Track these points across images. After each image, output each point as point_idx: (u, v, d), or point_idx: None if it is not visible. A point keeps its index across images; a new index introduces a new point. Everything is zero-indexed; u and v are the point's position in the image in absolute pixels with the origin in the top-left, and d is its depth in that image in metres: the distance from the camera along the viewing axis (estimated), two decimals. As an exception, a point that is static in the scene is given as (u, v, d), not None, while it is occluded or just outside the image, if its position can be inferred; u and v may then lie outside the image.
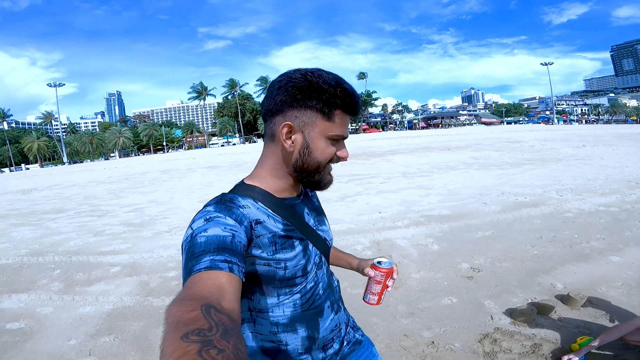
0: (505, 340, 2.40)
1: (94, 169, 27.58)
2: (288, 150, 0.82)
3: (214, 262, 0.62)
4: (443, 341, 2.43)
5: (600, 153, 12.75)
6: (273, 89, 0.81)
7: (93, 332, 2.89)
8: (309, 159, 0.82)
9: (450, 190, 7.57)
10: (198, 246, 0.66)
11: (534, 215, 5.36)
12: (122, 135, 70.47)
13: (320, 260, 0.93)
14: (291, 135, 0.81)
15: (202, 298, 0.54)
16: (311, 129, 0.80)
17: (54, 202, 10.80)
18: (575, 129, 34.33)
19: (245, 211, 0.78)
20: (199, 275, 0.60)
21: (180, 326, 0.46)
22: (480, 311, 2.79)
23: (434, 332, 2.54)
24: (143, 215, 7.50)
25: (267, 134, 0.86)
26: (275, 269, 0.81)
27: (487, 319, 2.66)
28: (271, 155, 0.86)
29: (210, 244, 0.66)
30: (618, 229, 4.50)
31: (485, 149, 16.66)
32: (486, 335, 2.46)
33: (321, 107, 0.79)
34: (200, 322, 0.47)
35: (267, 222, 0.81)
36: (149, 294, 3.56)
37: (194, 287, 0.58)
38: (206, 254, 0.64)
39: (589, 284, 3.10)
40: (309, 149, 0.82)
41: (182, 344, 0.43)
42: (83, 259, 4.78)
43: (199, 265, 0.62)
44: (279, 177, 0.87)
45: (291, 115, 0.80)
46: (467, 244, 4.32)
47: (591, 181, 7.63)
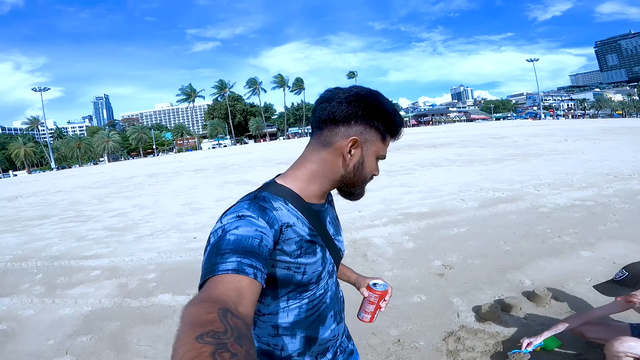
0: (469, 338, 2.43)
1: (81, 175, 27.34)
2: (345, 162, 0.85)
3: (240, 265, 0.63)
4: (409, 339, 2.46)
5: (582, 147, 13.00)
6: (339, 99, 0.83)
7: (71, 333, 2.97)
8: (360, 173, 0.87)
9: (432, 187, 7.69)
10: (226, 243, 0.67)
11: (510, 210, 5.44)
12: (110, 139, 69.69)
13: (332, 269, 0.94)
14: (353, 149, 0.84)
15: (220, 301, 0.54)
16: (369, 147, 0.85)
17: (39, 209, 10.76)
18: (560, 124, 34.90)
19: (277, 214, 0.78)
20: (222, 277, 0.61)
21: (196, 327, 0.47)
22: (447, 309, 2.82)
23: (401, 330, 2.57)
24: (126, 219, 7.53)
25: (320, 141, 0.86)
26: (294, 273, 0.82)
27: (454, 317, 2.69)
28: (317, 161, 0.86)
29: (239, 244, 0.66)
30: (592, 223, 4.53)
31: (470, 145, 16.89)
32: (451, 333, 2.50)
33: (383, 130, 0.85)
34: (216, 324, 0.48)
35: (296, 225, 0.81)
36: (127, 295, 3.63)
37: (215, 289, 0.58)
38: (233, 254, 0.64)
39: (557, 280, 3.11)
40: (363, 165, 0.86)
41: (197, 345, 0.43)
42: (65, 264, 4.83)
43: (225, 264, 0.63)
44: (315, 182, 0.87)
45: (357, 129, 0.83)
46: (442, 241, 4.37)
47: (570, 175, 7.77)
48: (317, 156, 0.86)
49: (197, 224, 6.49)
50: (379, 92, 0.86)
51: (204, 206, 8.20)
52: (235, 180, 12.53)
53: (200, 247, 4.98)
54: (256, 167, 16.56)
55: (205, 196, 9.68)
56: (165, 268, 4.32)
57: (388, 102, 0.86)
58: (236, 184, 11.37)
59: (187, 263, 4.45)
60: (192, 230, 6.07)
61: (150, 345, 2.70)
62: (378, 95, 0.85)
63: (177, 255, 4.79)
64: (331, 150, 0.84)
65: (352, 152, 0.84)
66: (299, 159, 0.90)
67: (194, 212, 7.59)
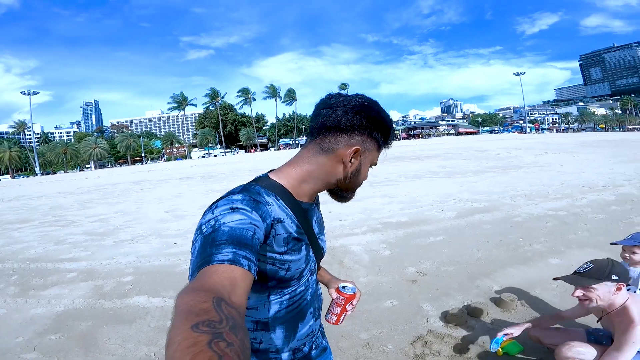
0: (436, 342, 2.48)
1: (64, 180, 26.91)
2: (345, 169, 0.88)
3: (236, 256, 0.63)
4: (378, 343, 2.51)
5: (561, 160, 13.38)
6: (345, 108, 0.85)
7: (41, 331, 2.99)
8: (356, 180, 0.91)
9: (412, 198, 7.84)
10: (220, 234, 0.67)
11: (485, 220, 5.59)
12: (97, 145, 68.80)
13: (314, 267, 0.96)
14: (354, 157, 0.88)
15: (214, 290, 0.54)
16: (367, 156, 0.90)
17: (19, 213, 10.60)
18: (543, 138, 35.74)
19: (270, 208, 0.79)
20: (217, 267, 0.61)
21: (191, 316, 0.47)
22: (417, 314, 2.87)
23: (371, 334, 2.62)
24: (107, 225, 7.50)
25: (321, 145, 0.88)
26: (279, 268, 0.83)
27: (423, 322, 2.75)
28: (315, 164, 0.88)
29: (234, 236, 0.67)
30: (563, 232, 4.66)
31: (454, 158, 17.24)
32: (419, 337, 2.55)
33: (381, 141, 0.90)
34: (211, 314, 0.47)
35: (286, 222, 0.83)
36: (101, 297, 3.65)
37: (209, 279, 0.58)
38: (228, 245, 0.64)
39: (525, 286, 3.19)
40: (359, 172, 0.90)
41: (193, 334, 0.43)
42: (41, 266, 4.81)
43: (220, 255, 0.63)
44: (309, 182, 0.89)
45: (360, 140, 0.87)
46: (418, 249, 4.46)
47: (546, 187, 8.01)
48: (316, 159, 0.88)
49: (179, 230, 6.50)
50: (379, 103, 0.91)
51: (187, 213, 8.20)
52: (221, 188, 12.52)
53: (181, 252, 5.01)
54: (242, 176, 16.56)
55: (190, 203, 9.68)
56: (143, 271, 4.34)
57: (387, 115, 0.91)
58: (221, 193, 11.28)
59: (166, 267, 4.47)
60: (174, 236, 6.09)
61: (119, 344, 2.72)
62: (380, 108, 0.90)
63: (155, 259, 4.81)
64: (332, 157, 0.87)
65: (352, 160, 0.87)
66: (295, 158, 0.92)
67: (177, 219, 7.59)
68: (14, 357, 2.64)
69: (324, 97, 0.91)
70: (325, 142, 0.87)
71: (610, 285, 1.69)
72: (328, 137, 0.86)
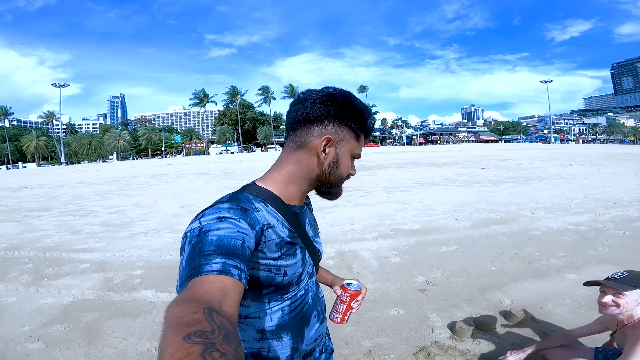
0: (439, 354, 2.41)
1: (87, 170, 27.74)
2: (320, 161, 0.86)
3: (226, 266, 0.62)
4: (380, 351, 2.46)
5: (585, 172, 12.92)
6: (312, 100, 0.84)
7: (47, 321, 3.04)
8: (336, 172, 0.87)
9: (427, 205, 7.69)
10: (208, 244, 0.65)
11: (501, 232, 5.42)
12: (121, 138, 70.79)
13: (312, 271, 0.95)
14: (327, 147, 0.85)
15: (205, 301, 0.54)
16: (343, 146, 0.87)
17: (41, 201, 10.96)
18: (567, 148, 34.71)
19: (258, 215, 0.78)
20: (206, 277, 0.60)
21: (182, 327, 0.46)
22: (423, 324, 2.80)
23: (374, 342, 2.58)
24: (124, 217, 7.65)
25: (294, 142, 0.87)
26: (275, 274, 0.81)
27: (428, 332, 2.68)
28: (294, 162, 0.87)
29: (223, 245, 0.65)
30: (582, 248, 4.52)
31: (473, 166, 16.85)
32: (422, 348, 2.49)
33: (356, 128, 0.87)
34: (202, 324, 0.47)
35: (277, 227, 0.81)
36: (110, 289, 3.70)
37: (199, 289, 0.57)
38: (217, 256, 0.63)
39: (537, 301, 3.11)
40: (338, 163, 0.87)
41: (185, 345, 0.43)
42: (56, 255, 4.93)
43: (210, 266, 0.62)
44: (294, 184, 0.88)
45: (331, 129, 0.84)
46: (429, 257, 4.37)
47: (568, 200, 7.74)
48: (293, 157, 0.87)
49: (191, 225, 6.57)
50: (351, 93, 0.88)
51: (201, 209, 8.26)
52: (235, 185, 12.62)
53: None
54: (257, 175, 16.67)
55: (204, 199, 9.79)
56: (153, 266, 4.39)
57: (360, 101, 0.88)
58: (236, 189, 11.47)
59: (176, 262, 4.48)
60: (185, 231, 6.15)
61: (122, 337, 2.75)
62: (350, 95, 0.87)
63: (167, 254, 4.86)
64: (306, 150, 0.85)
65: (326, 150, 0.85)
66: (276, 162, 0.91)
67: (190, 214, 7.67)
68: (16, 347, 2.67)
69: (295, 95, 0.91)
70: (298, 137, 0.86)
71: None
72: (300, 132, 0.85)
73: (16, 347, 2.66)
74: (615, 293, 1.68)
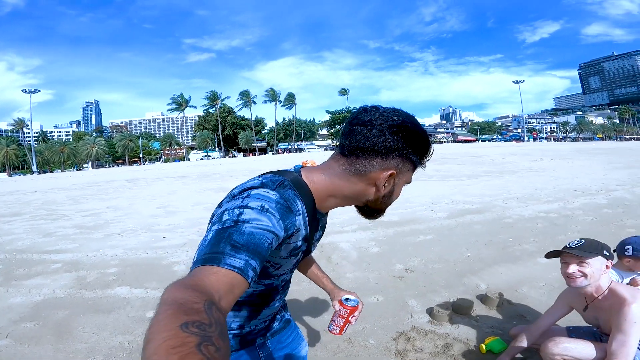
0: (419, 338, 2.44)
1: (59, 177, 26.81)
2: (377, 192, 0.83)
3: (247, 265, 0.61)
4: (360, 337, 2.47)
5: (555, 166, 13.41)
6: (381, 128, 0.78)
7: (16, 319, 2.95)
8: (388, 201, 0.85)
9: (405, 198, 7.79)
10: (240, 235, 0.64)
11: (476, 221, 5.59)
12: (96, 145, 68.72)
13: (296, 265, 0.95)
14: (387, 182, 0.82)
15: (208, 292, 0.53)
16: (401, 178, 0.83)
17: (12, 206, 10.55)
18: (539, 146, 35.92)
19: (297, 220, 0.77)
20: (222, 269, 0.58)
21: (180, 313, 0.45)
22: (402, 310, 2.83)
23: (353, 329, 2.54)
24: (98, 219, 7.45)
25: (354, 167, 0.81)
26: (270, 266, 0.83)
27: (407, 318, 2.71)
28: (346, 182, 0.83)
29: (253, 242, 0.64)
30: (553, 233, 4.69)
31: (449, 162, 17.20)
32: (402, 333, 2.51)
33: (417, 162, 0.83)
34: (202, 315, 0.46)
35: (301, 232, 0.81)
36: (83, 287, 3.60)
37: (207, 278, 0.56)
38: (243, 251, 0.62)
39: (512, 284, 3.18)
40: (392, 193, 0.84)
41: (181, 333, 0.41)
42: (27, 257, 4.77)
43: (233, 259, 0.60)
44: (336, 197, 0.85)
45: (395, 163, 0.80)
46: (407, 247, 4.45)
47: (539, 190, 8.03)
48: (347, 178, 0.82)
49: (169, 225, 6.47)
50: (416, 119, 0.82)
51: (179, 209, 8.16)
52: (215, 187, 12.51)
53: (169, 246, 4.98)
54: (238, 176, 16.55)
55: (183, 200, 9.65)
56: (128, 264, 4.30)
57: (425, 132, 0.82)
58: (215, 191, 11.35)
59: (152, 259, 4.43)
60: (163, 230, 6.05)
61: (94, 332, 2.68)
62: (418, 125, 0.81)
63: (143, 252, 4.77)
64: (364, 179, 0.81)
65: (386, 184, 0.82)
66: (327, 168, 0.85)
67: (168, 215, 7.55)
68: None
69: (357, 109, 0.84)
70: (358, 164, 0.80)
71: (603, 261, 1.62)
72: (361, 159, 0.80)
73: None
74: (579, 262, 1.63)
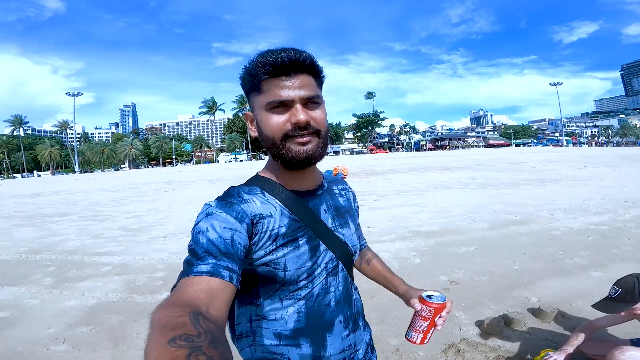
0: (469, 351, 2.40)
1: (102, 178, 28.16)
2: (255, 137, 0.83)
3: (216, 267, 0.61)
4: (408, 349, 2.44)
5: (601, 174, 12.72)
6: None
7: (72, 323, 3.06)
8: (263, 136, 0.78)
9: (442, 208, 7.65)
10: (200, 244, 0.65)
11: (521, 232, 5.39)
12: (133, 146, 71.91)
13: (335, 267, 0.83)
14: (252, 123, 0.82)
15: (190, 304, 0.52)
16: (255, 109, 0.79)
17: (59, 207, 11.17)
18: (580, 151, 34.21)
19: (247, 206, 0.74)
20: (193, 279, 0.59)
21: (166, 331, 0.45)
22: (450, 322, 2.74)
23: (401, 340, 2.54)
24: (141, 221, 7.75)
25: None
26: (275, 269, 0.75)
27: (456, 330, 2.67)
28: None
29: (213, 244, 0.64)
30: (605, 247, 4.50)
31: (485, 169, 16.69)
32: (451, 345, 2.47)
33: (252, 84, 0.76)
34: (188, 327, 0.46)
35: (273, 216, 0.76)
36: (133, 291, 3.73)
37: (184, 292, 0.56)
38: (208, 256, 0.62)
39: (565, 298, 3.10)
40: (259, 126, 0.79)
41: (169, 349, 0.42)
42: (77, 258, 5.01)
43: (199, 267, 0.61)
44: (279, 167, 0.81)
45: (249, 105, 0.82)
46: (449, 258, 4.36)
47: (586, 201, 7.65)
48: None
49: (208, 229, 6.62)
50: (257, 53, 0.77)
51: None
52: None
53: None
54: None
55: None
56: (173, 268, 4.42)
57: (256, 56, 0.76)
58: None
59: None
60: (202, 234, 6.20)
61: (149, 338, 2.76)
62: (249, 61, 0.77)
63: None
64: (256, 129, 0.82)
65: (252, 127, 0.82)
66: None
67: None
68: (42, 349, 2.68)
69: None
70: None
71: None
72: None
73: (42, 350, 2.66)
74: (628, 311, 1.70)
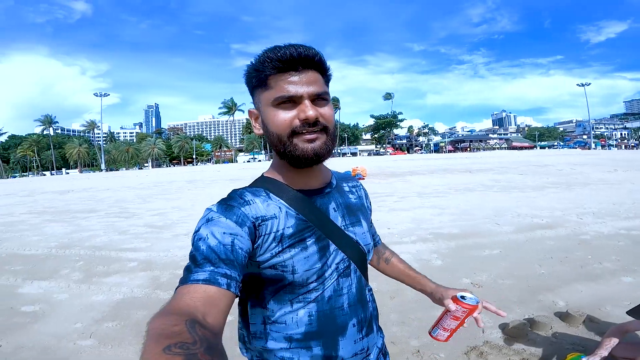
0: (492, 353, 2.35)
1: (127, 176, 29.04)
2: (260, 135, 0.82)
3: (213, 275, 0.61)
4: (429, 351, 2.42)
5: (632, 178, 12.23)
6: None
7: (99, 318, 3.13)
8: (269, 134, 0.76)
9: (464, 210, 7.51)
10: (200, 252, 0.64)
11: (548, 236, 5.25)
12: (155, 146, 73.88)
13: (346, 268, 0.81)
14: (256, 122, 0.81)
15: (186, 313, 0.52)
16: (260, 105, 0.77)
17: (87, 203, 11.60)
18: (610, 154, 32.90)
19: (248, 209, 0.72)
20: (190, 287, 0.59)
21: (161, 339, 0.45)
22: (472, 324, 2.73)
23: (422, 342, 2.53)
24: (166, 219, 7.95)
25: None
26: (283, 272, 0.74)
27: (479, 332, 2.60)
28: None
29: (212, 251, 0.64)
30: (636, 252, 4.34)
31: (509, 172, 16.26)
32: (474, 347, 2.43)
33: (259, 80, 0.75)
34: (183, 335, 0.46)
35: (278, 217, 0.74)
36: (157, 287, 3.83)
37: (180, 300, 0.56)
38: (207, 263, 0.62)
39: (593, 303, 3.02)
40: (265, 123, 0.77)
41: (164, 356, 0.42)
42: (105, 254, 5.18)
43: (197, 274, 0.61)
44: (285, 165, 0.80)
45: (253, 103, 0.81)
46: (472, 261, 4.28)
47: (617, 205, 7.38)
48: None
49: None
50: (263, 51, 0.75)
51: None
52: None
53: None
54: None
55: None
56: (196, 265, 4.52)
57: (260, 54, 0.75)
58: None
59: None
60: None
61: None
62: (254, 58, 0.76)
63: (208, 254, 5.00)
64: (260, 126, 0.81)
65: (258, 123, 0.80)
66: None
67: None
68: (69, 343, 2.73)
69: None
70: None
71: None
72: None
73: (68, 344, 2.70)
74: None
